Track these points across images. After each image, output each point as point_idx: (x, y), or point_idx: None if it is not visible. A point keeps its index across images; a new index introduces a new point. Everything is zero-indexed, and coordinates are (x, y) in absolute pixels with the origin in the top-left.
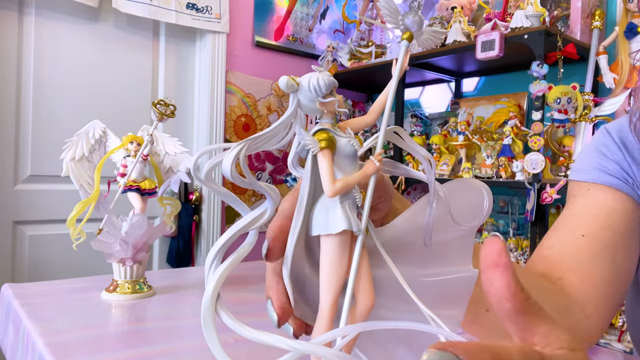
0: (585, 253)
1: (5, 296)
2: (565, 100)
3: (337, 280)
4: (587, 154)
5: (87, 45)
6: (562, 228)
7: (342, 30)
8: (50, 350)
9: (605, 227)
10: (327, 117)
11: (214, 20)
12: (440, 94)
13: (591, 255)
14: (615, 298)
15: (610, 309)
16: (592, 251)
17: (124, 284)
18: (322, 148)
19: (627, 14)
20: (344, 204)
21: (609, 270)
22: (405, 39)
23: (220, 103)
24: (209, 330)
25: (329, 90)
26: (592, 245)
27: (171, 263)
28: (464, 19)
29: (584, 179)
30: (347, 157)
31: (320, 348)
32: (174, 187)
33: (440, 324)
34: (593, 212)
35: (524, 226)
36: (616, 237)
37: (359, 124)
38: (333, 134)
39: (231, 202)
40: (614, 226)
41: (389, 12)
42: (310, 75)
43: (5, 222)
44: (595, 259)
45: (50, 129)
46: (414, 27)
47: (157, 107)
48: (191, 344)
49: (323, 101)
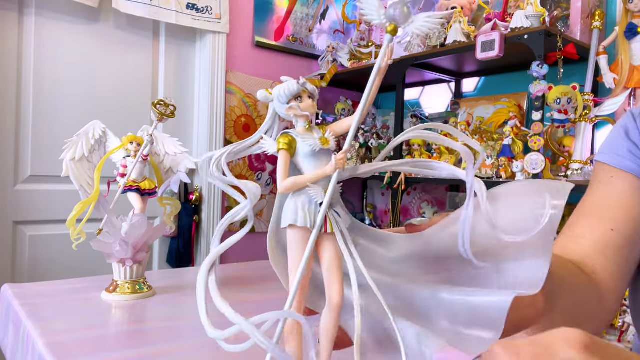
0: (611, 247)
1: (6, 296)
2: (565, 101)
3: (295, 270)
4: (612, 136)
5: (87, 45)
6: (591, 216)
7: (342, 31)
8: (50, 350)
9: (628, 220)
10: (301, 120)
11: (214, 20)
12: (440, 94)
13: (615, 249)
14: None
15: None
16: (617, 246)
17: (124, 284)
18: (279, 150)
19: (627, 14)
20: (297, 200)
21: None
22: (389, 32)
23: (220, 103)
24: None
25: (292, 97)
26: (618, 240)
27: (171, 263)
28: (464, 19)
29: (608, 161)
30: (306, 157)
31: (246, 325)
32: (174, 187)
33: None
34: (618, 204)
35: None
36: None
37: (340, 127)
38: (295, 136)
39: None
40: (636, 219)
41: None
42: (279, 85)
43: (5, 222)
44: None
45: (50, 129)
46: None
47: (157, 107)
48: (191, 344)
49: (287, 107)
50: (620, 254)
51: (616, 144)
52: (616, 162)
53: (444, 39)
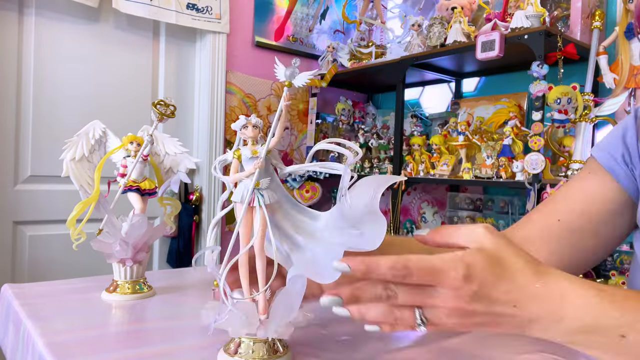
0: (555, 237)
1: (5, 296)
2: (566, 101)
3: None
4: (612, 134)
5: (87, 45)
6: (551, 203)
7: (342, 31)
8: (50, 350)
9: (580, 215)
10: (247, 139)
11: (214, 20)
12: (440, 94)
13: (558, 240)
14: None
15: None
16: (560, 236)
17: (124, 284)
18: (233, 158)
19: (627, 14)
20: (240, 187)
21: (569, 255)
22: (286, 85)
23: (220, 103)
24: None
25: (242, 126)
26: (561, 231)
27: (171, 263)
28: (464, 19)
29: (599, 157)
30: (246, 162)
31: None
32: (174, 187)
33: None
34: (577, 198)
35: None
36: (586, 226)
37: (272, 143)
38: (242, 150)
39: None
40: (590, 216)
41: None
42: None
43: (5, 222)
44: (560, 244)
45: (50, 129)
46: (291, 77)
47: (157, 107)
48: (191, 344)
49: (239, 132)
50: (561, 244)
51: (614, 144)
52: (606, 161)
53: (444, 39)
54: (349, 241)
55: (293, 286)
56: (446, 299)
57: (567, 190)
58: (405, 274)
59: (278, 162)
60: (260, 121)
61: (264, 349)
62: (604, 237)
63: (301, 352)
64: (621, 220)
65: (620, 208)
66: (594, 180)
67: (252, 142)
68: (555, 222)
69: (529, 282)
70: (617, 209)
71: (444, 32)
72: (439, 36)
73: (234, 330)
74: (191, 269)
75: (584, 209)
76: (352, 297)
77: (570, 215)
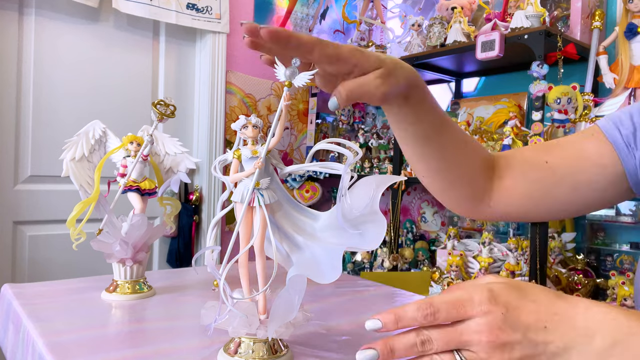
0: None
1: (6, 296)
2: (566, 101)
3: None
4: (621, 110)
5: (87, 45)
6: (546, 146)
7: (342, 31)
8: (50, 350)
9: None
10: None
11: (214, 20)
12: (440, 94)
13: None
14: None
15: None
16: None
17: (124, 284)
18: (233, 158)
19: (627, 14)
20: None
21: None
22: (286, 85)
23: (220, 103)
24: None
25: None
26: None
27: (171, 263)
28: (464, 19)
29: (601, 125)
30: (246, 162)
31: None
32: (174, 187)
33: None
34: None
35: (524, 226)
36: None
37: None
38: (242, 150)
39: None
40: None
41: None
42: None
43: (5, 222)
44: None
45: (50, 129)
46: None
47: (157, 107)
48: (191, 344)
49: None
50: (540, 182)
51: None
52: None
53: (444, 39)
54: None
55: (293, 286)
56: (479, 329)
57: (566, 141)
58: (433, 311)
59: (278, 162)
60: (260, 121)
61: (264, 349)
62: (581, 197)
63: (301, 352)
64: (604, 189)
65: (610, 178)
66: (594, 144)
67: (252, 142)
68: (543, 162)
69: (552, 299)
70: (606, 178)
71: (444, 32)
72: (439, 36)
73: (234, 330)
74: (191, 269)
75: (575, 161)
76: (386, 348)
77: (559, 161)
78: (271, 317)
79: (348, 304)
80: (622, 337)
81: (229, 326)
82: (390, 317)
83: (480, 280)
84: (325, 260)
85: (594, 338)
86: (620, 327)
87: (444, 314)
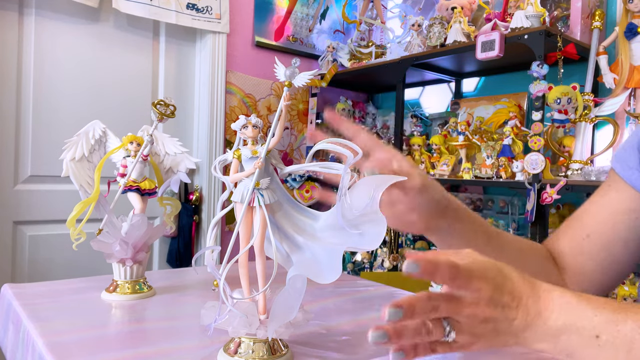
0: (586, 253)
1: (6, 296)
2: (566, 101)
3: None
4: (627, 142)
5: (87, 45)
6: (577, 219)
7: (342, 31)
8: (50, 350)
9: (605, 229)
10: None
11: (214, 20)
12: (440, 94)
13: (590, 255)
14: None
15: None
16: (592, 252)
17: (124, 284)
18: (233, 158)
19: (627, 14)
20: (240, 187)
21: (602, 268)
22: (286, 85)
23: (220, 103)
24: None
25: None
26: (592, 246)
27: (171, 263)
28: (464, 19)
29: (616, 168)
30: (246, 162)
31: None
32: (174, 187)
33: None
34: (599, 212)
35: (524, 226)
36: (611, 237)
37: (272, 143)
38: (242, 150)
39: None
40: (614, 228)
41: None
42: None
43: (5, 222)
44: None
45: (50, 129)
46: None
47: (157, 107)
48: (191, 344)
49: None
50: (593, 260)
51: (629, 153)
52: (623, 171)
53: (444, 39)
54: (349, 241)
55: (293, 286)
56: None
57: (591, 205)
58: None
59: (278, 162)
60: (260, 121)
61: (264, 349)
62: (633, 246)
63: (301, 352)
64: None
65: None
66: (615, 192)
67: (252, 142)
68: (585, 238)
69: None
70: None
71: (444, 32)
72: (439, 36)
73: (234, 330)
74: (191, 269)
75: (610, 221)
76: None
77: (597, 229)
78: (271, 317)
79: (348, 304)
80: (572, 320)
81: (229, 326)
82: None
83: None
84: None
85: (549, 319)
86: (572, 309)
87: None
